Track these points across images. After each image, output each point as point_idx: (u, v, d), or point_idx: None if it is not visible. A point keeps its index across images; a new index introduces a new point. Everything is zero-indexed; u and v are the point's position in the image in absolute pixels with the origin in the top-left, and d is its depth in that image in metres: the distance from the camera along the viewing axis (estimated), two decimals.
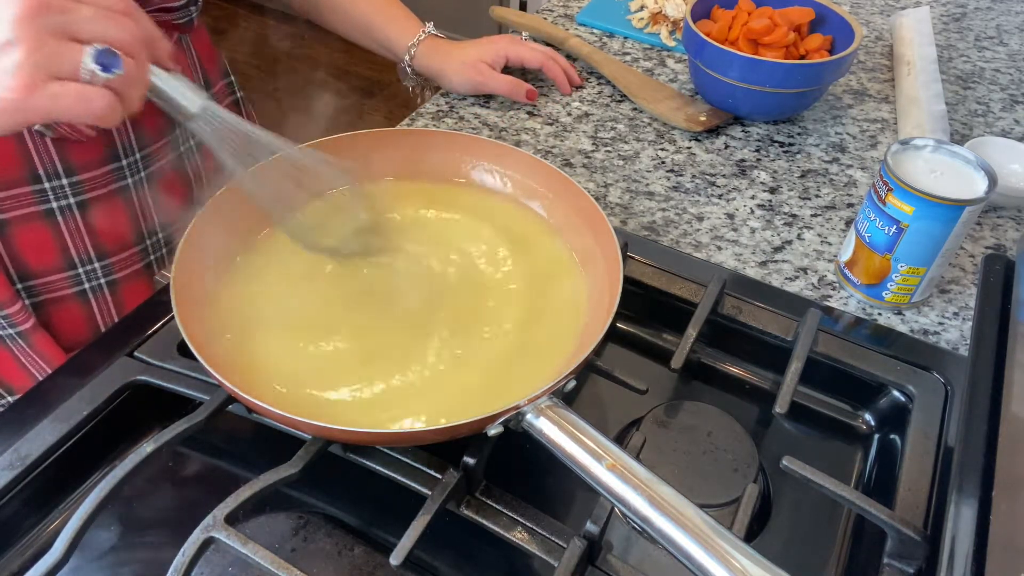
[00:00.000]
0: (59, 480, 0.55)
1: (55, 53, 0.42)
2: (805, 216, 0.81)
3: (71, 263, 0.73)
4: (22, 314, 0.70)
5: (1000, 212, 0.82)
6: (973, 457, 0.46)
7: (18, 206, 0.68)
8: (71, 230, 0.71)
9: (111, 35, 0.44)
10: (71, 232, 0.71)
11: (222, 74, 0.87)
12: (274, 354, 0.57)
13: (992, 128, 0.94)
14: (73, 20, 0.43)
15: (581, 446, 0.47)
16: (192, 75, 0.80)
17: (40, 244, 0.70)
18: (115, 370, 0.59)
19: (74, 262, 0.73)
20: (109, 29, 0.44)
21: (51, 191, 0.69)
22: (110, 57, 0.44)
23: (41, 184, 0.68)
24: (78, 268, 0.73)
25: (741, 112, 0.92)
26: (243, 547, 0.47)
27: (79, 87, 0.43)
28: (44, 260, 0.71)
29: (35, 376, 0.73)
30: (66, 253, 0.72)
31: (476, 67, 0.92)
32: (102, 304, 0.76)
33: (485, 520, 0.51)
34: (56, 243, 0.71)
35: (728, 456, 0.58)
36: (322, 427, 0.48)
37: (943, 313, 0.71)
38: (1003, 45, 1.12)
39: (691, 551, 0.42)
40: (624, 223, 0.79)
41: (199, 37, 0.82)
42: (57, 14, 0.42)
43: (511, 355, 0.57)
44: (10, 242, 0.69)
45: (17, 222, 0.68)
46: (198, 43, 0.82)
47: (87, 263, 0.74)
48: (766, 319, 0.65)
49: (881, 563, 0.51)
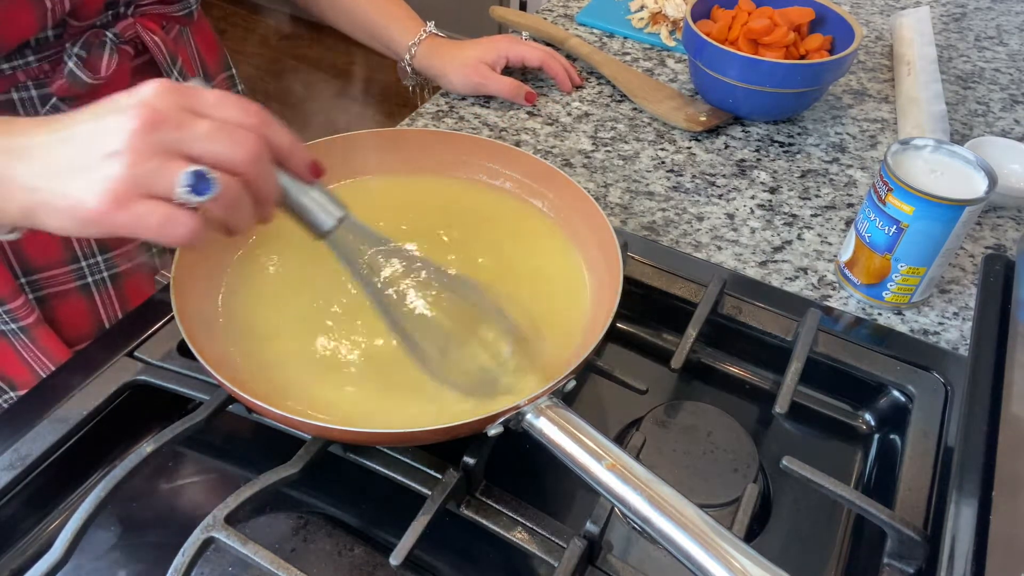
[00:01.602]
0: (59, 480, 0.55)
1: (154, 171, 0.40)
2: (805, 216, 0.81)
3: (74, 257, 0.73)
4: (25, 309, 0.70)
5: (1000, 212, 0.82)
6: (973, 457, 0.45)
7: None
8: None
9: (223, 154, 0.42)
10: None
11: (223, 67, 0.87)
12: (274, 353, 0.57)
13: (992, 128, 0.94)
14: (186, 137, 0.41)
15: (581, 446, 0.47)
16: (193, 68, 0.80)
17: (43, 238, 0.70)
18: (115, 370, 0.59)
19: (77, 256, 0.73)
20: (223, 147, 0.42)
21: None
22: (203, 181, 0.41)
23: None
24: (81, 262, 0.73)
25: (741, 112, 0.92)
26: (243, 547, 0.47)
27: (167, 210, 0.41)
28: (47, 254, 0.71)
29: (37, 371, 0.73)
30: (69, 246, 0.72)
31: (476, 68, 0.92)
32: (105, 298, 0.76)
33: (485, 520, 0.51)
34: (59, 237, 0.71)
35: (728, 456, 0.58)
36: (322, 427, 0.48)
37: (943, 313, 0.71)
38: (1003, 45, 1.12)
39: (691, 551, 0.42)
40: (624, 223, 0.79)
41: (200, 29, 0.82)
42: (172, 130, 0.41)
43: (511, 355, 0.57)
44: None
45: None
46: (199, 36, 0.82)
47: (90, 256, 0.74)
48: (766, 319, 0.65)
49: (881, 563, 0.51)
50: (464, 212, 0.68)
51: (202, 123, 0.42)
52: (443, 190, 0.70)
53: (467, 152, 0.71)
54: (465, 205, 0.69)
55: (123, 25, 0.68)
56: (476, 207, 0.69)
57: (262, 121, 0.44)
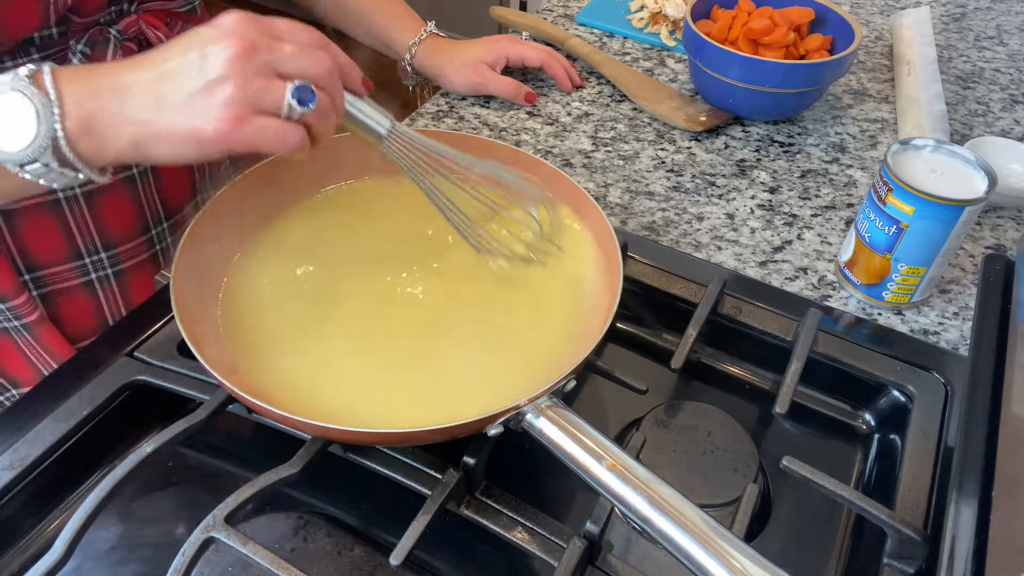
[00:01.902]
0: (59, 480, 0.55)
1: (262, 89, 0.46)
2: (805, 216, 0.81)
3: (78, 253, 0.73)
4: (28, 306, 0.70)
5: (1000, 212, 0.82)
6: (973, 457, 0.46)
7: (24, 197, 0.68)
8: (77, 220, 0.72)
9: (309, 71, 0.47)
10: (77, 222, 0.72)
11: None
12: (274, 353, 0.57)
13: (992, 128, 0.94)
14: (278, 59, 0.46)
15: (581, 446, 0.47)
16: None
17: (47, 234, 0.71)
18: (115, 370, 0.59)
19: (81, 252, 0.73)
20: (308, 65, 0.47)
21: None
22: (307, 93, 0.47)
23: None
24: (85, 259, 0.74)
25: (741, 112, 0.92)
26: (243, 547, 0.47)
27: (280, 123, 0.47)
28: (51, 250, 0.72)
29: (40, 369, 0.73)
30: (72, 243, 0.72)
31: (476, 68, 0.92)
32: (109, 295, 0.77)
33: (485, 520, 0.51)
34: (63, 233, 0.71)
35: (728, 456, 0.58)
36: (322, 427, 0.48)
37: (943, 313, 0.71)
38: (1003, 45, 1.12)
39: (691, 551, 0.42)
40: (624, 223, 0.79)
41: (203, 23, 0.82)
42: (265, 53, 0.46)
43: (511, 355, 0.57)
44: (17, 233, 0.69)
45: (24, 213, 0.69)
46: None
47: (94, 253, 0.74)
48: (766, 319, 0.65)
49: (881, 563, 0.51)
50: None
51: (286, 45, 0.47)
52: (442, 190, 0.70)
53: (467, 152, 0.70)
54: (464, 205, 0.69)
55: (126, 22, 0.68)
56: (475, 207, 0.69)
57: (326, 42, 0.50)
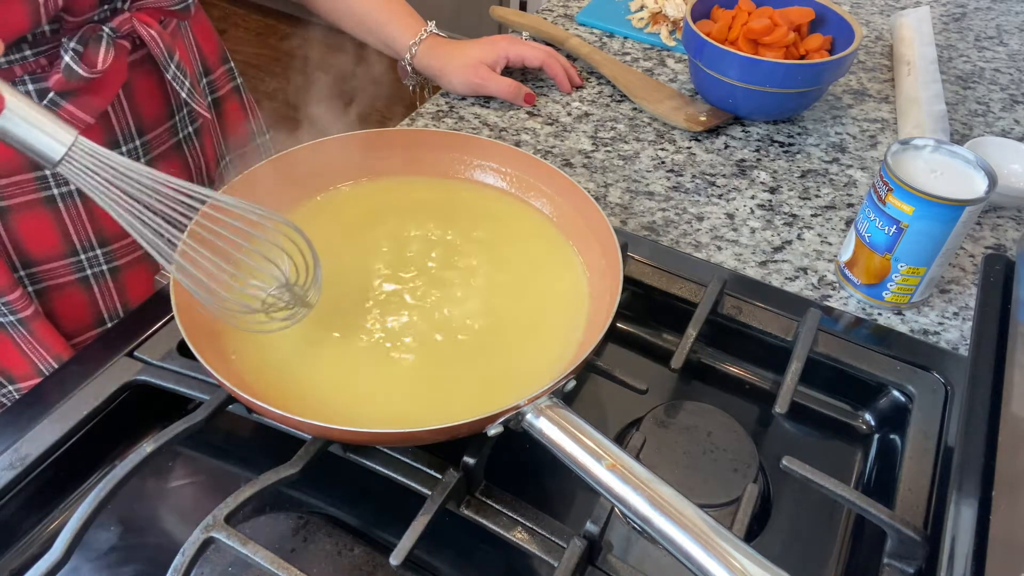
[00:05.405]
0: (59, 480, 0.55)
1: None
2: (805, 216, 0.81)
3: (73, 250, 0.73)
4: (23, 301, 0.70)
5: (1000, 212, 0.82)
6: (973, 457, 0.46)
7: (20, 193, 0.68)
8: (72, 217, 0.72)
9: None
10: (72, 219, 0.72)
11: (222, 60, 0.87)
12: (274, 353, 0.57)
13: (992, 128, 0.94)
14: None
15: (581, 446, 0.47)
16: (190, 62, 0.80)
17: (42, 230, 0.71)
18: (115, 370, 0.59)
19: (76, 248, 0.73)
20: None
21: (52, 177, 0.69)
22: None
23: (42, 171, 0.68)
24: (80, 255, 0.74)
25: (741, 112, 0.92)
26: (243, 547, 0.47)
27: None
28: (46, 246, 0.72)
29: (36, 364, 0.73)
30: (67, 239, 0.72)
31: (476, 69, 0.92)
32: (104, 291, 0.77)
33: (485, 520, 0.51)
34: (58, 229, 0.71)
35: (728, 456, 0.58)
36: (322, 427, 0.48)
37: (943, 313, 0.71)
38: (1003, 45, 1.12)
39: (691, 551, 0.42)
40: (624, 223, 0.79)
41: (198, 22, 0.82)
42: None
43: (511, 355, 0.57)
44: (11, 229, 0.69)
45: (19, 209, 0.69)
46: (197, 29, 0.82)
47: (89, 249, 0.74)
48: (766, 319, 0.65)
49: (881, 563, 0.51)
50: (464, 212, 0.68)
51: None
52: (443, 190, 0.70)
53: (467, 152, 0.71)
54: (465, 205, 0.69)
55: (120, 20, 0.68)
56: (476, 207, 0.69)
57: None
